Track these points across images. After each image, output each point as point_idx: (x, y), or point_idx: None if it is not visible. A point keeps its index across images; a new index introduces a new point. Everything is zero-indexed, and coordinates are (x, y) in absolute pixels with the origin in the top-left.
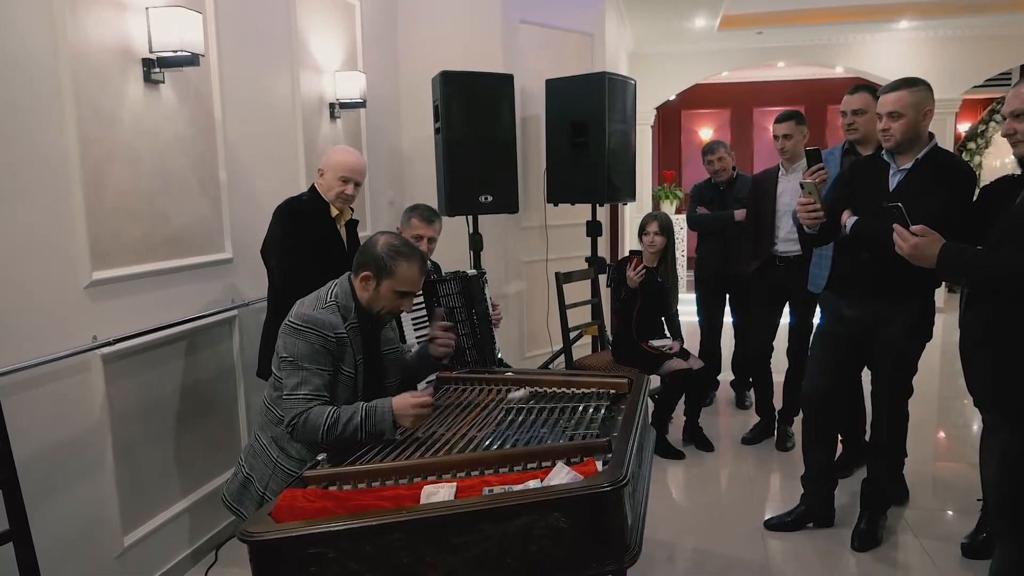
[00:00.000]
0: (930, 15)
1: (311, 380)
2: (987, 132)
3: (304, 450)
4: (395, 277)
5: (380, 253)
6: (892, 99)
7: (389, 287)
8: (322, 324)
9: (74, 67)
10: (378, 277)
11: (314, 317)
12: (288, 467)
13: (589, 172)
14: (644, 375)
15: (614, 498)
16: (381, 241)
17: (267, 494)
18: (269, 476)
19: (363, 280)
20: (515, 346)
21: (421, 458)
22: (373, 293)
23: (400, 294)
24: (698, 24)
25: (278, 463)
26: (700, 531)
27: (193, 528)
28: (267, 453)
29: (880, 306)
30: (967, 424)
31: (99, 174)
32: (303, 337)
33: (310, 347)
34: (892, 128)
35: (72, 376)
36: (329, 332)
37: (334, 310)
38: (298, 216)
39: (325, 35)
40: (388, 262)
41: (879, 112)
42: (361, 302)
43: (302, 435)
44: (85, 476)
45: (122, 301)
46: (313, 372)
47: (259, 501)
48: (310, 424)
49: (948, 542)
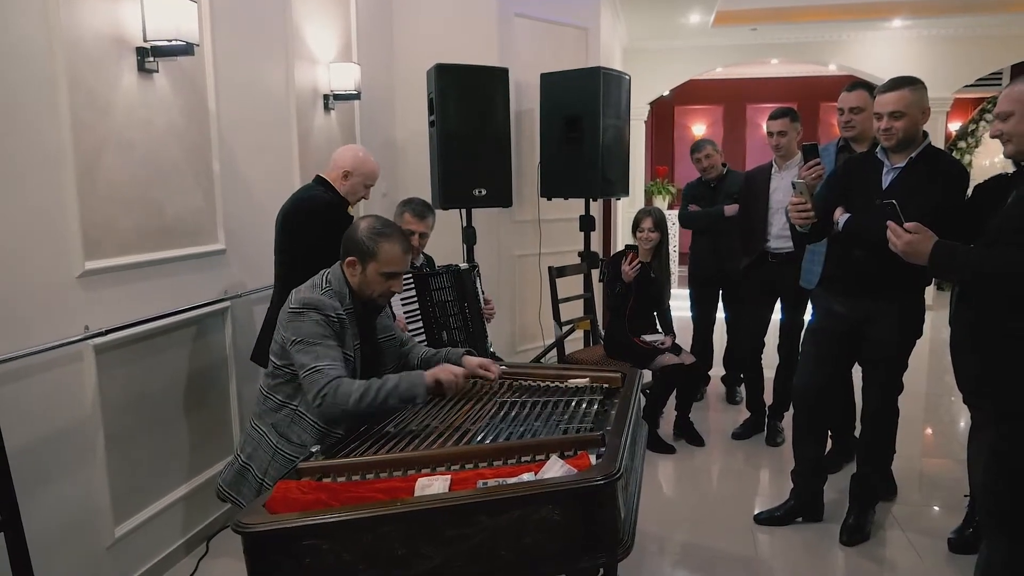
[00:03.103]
0: (923, 14)
1: (327, 353)
2: (977, 131)
3: (306, 435)
4: (379, 259)
5: (361, 237)
6: (894, 98)
7: (375, 269)
8: (323, 305)
9: (68, 55)
10: (363, 261)
11: (314, 299)
12: (288, 452)
13: (583, 167)
14: (637, 369)
15: (607, 491)
16: (362, 225)
17: (266, 481)
18: (268, 463)
19: (350, 266)
20: (507, 340)
21: (415, 451)
22: (362, 277)
23: (387, 275)
24: (693, 20)
25: (278, 449)
26: (690, 525)
27: (185, 519)
28: (266, 439)
29: (871, 303)
30: (954, 420)
31: (92, 163)
32: (306, 317)
33: (315, 325)
34: (894, 127)
35: (64, 366)
36: (331, 312)
37: (331, 295)
38: (336, 216)
39: (320, 26)
40: (370, 244)
41: (879, 111)
42: (353, 287)
43: (332, 404)
44: (77, 466)
45: (115, 291)
46: (326, 346)
47: (258, 489)
48: (342, 391)
49: (935, 537)
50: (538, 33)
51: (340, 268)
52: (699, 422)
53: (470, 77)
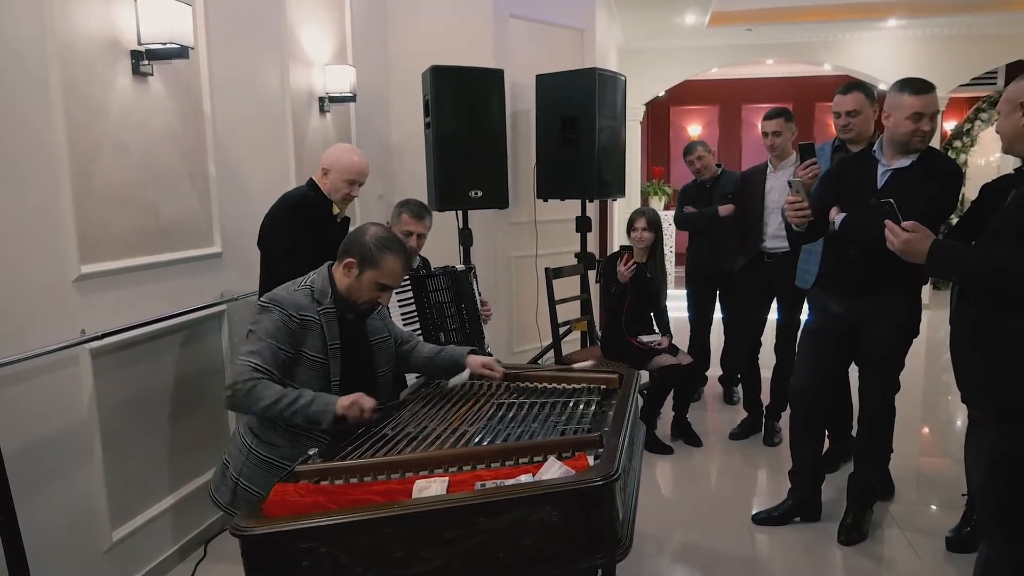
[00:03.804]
0: (918, 14)
1: (263, 352)
2: (972, 131)
3: (277, 436)
4: (379, 269)
5: (368, 242)
6: (925, 102)
7: (371, 278)
8: (286, 303)
9: (63, 58)
10: (362, 266)
11: (280, 296)
12: (261, 453)
13: (579, 168)
14: (634, 370)
15: (606, 493)
16: (371, 231)
17: (240, 480)
18: (242, 463)
19: (346, 267)
20: (504, 341)
21: (413, 453)
22: (354, 281)
23: (380, 286)
24: (688, 20)
25: (251, 449)
26: (688, 525)
27: (182, 523)
28: (242, 440)
29: (868, 302)
30: (951, 419)
31: (88, 166)
32: (266, 312)
33: (272, 323)
34: (927, 131)
35: (61, 370)
36: (292, 312)
37: (307, 294)
38: (309, 211)
39: (315, 28)
40: (375, 252)
41: (917, 111)
42: (339, 289)
43: (241, 402)
44: (74, 470)
45: (111, 295)
46: (268, 346)
47: (232, 488)
48: (255, 393)
49: (933, 536)
50: (533, 34)
51: (328, 269)
52: (696, 423)
53: (466, 78)
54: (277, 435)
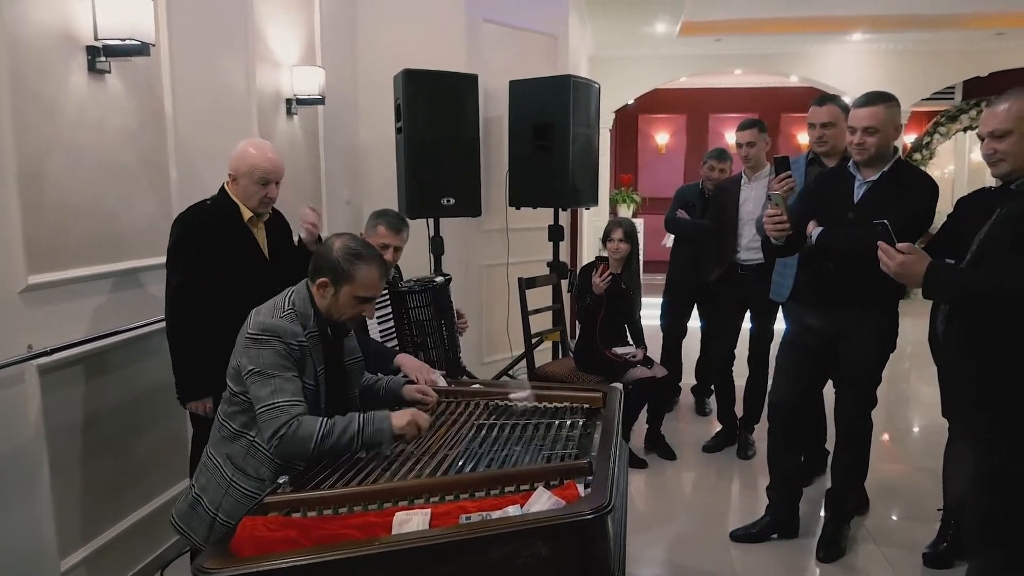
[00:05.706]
0: (882, 28)
1: (285, 387)
2: (931, 144)
3: (263, 468)
4: (354, 282)
5: (336, 258)
6: (868, 114)
7: (348, 293)
8: (283, 331)
9: (10, 53)
10: (336, 283)
11: (273, 324)
12: (244, 487)
13: (552, 175)
14: (617, 390)
15: (598, 525)
16: (337, 244)
17: (219, 516)
18: (222, 497)
19: (320, 287)
20: (474, 351)
21: (391, 481)
22: (332, 300)
23: (360, 299)
24: (658, 29)
25: (232, 482)
26: (666, 542)
27: (136, 549)
28: (220, 472)
29: (844, 316)
30: (908, 427)
31: (37, 168)
32: (266, 345)
33: (275, 354)
34: (867, 143)
35: (5, 388)
36: (291, 340)
37: (292, 318)
38: (201, 225)
39: (283, 28)
40: (346, 266)
41: (853, 126)
42: (320, 309)
43: (290, 446)
44: (19, 496)
45: (61, 307)
46: (285, 379)
47: (210, 524)
48: (302, 433)
49: (910, 550)
50: (507, 40)
51: (307, 287)
52: (670, 435)
53: (439, 83)
54: (264, 467)
